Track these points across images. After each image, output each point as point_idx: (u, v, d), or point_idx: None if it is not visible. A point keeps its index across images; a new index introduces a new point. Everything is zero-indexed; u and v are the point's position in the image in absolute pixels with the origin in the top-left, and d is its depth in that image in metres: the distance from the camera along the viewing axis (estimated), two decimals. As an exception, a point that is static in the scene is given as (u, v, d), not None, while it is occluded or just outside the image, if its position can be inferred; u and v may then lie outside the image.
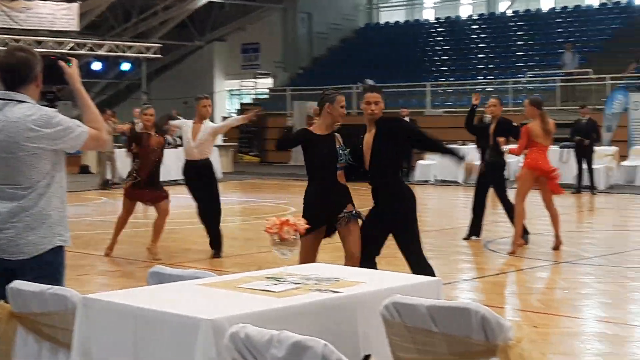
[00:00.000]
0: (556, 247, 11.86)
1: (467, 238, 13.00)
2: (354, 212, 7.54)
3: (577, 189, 20.66)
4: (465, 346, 3.82)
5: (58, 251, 4.89)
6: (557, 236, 11.91)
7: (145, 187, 11.74)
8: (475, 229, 13.00)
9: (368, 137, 7.42)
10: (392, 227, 7.47)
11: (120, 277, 10.30)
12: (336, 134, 7.59)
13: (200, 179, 11.72)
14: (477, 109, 12.98)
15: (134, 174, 11.78)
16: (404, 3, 43.09)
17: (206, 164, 11.79)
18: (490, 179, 12.53)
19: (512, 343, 3.73)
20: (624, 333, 7.50)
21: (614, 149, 23.07)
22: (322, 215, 7.40)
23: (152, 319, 3.90)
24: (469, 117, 12.79)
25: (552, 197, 11.80)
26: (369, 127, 7.47)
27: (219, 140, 36.08)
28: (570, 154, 21.62)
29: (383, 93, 7.58)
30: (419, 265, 7.35)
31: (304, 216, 5.05)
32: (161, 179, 12.50)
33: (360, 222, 7.54)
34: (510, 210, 12.23)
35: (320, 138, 7.55)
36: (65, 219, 4.95)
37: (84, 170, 29.40)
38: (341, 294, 4.26)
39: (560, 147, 22.11)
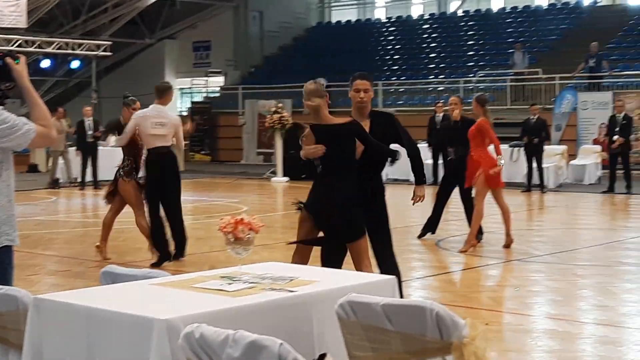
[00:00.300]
0: (507, 245, 11.95)
1: (421, 236, 13.03)
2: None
3: (527, 187, 20.86)
4: (420, 344, 3.84)
5: (5, 251, 4.83)
6: (507, 234, 12.00)
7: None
8: (432, 225, 13.02)
9: None
10: (375, 223, 7.26)
11: (70, 277, 10.20)
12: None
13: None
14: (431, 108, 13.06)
15: (134, 172, 11.34)
16: (356, 2, 43.19)
17: None
18: (460, 176, 12.48)
19: (467, 341, 3.75)
20: (574, 330, 7.57)
21: (563, 147, 23.32)
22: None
23: (106, 319, 3.86)
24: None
25: (502, 194, 11.91)
26: (360, 117, 7.19)
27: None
28: (520, 153, 21.82)
29: (372, 81, 7.42)
30: (389, 264, 7.25)
31: None
32: (109, 178, 12.35)
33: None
34: (470, 209, 12.28)
35: None
36: (13, 218, 4.88)
37: (33, 169, 29.09)
38: (296, 293, 4.25)
39: (510, 146, 22.31)
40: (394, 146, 7.44)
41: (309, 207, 7.01)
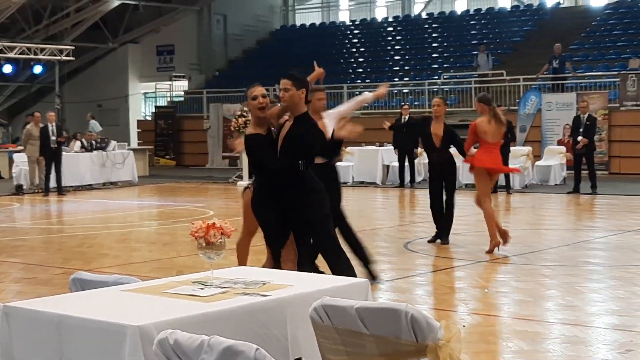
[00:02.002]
0: (490, 251, 11.77)
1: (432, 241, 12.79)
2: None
3: (493, 189, 20.91)
4: (395, 347, 3.82)
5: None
6: (492, 235, 11.84)
7: None
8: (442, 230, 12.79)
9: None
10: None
11: (36, 285, 10.08)
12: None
13: None
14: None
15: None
16: (319, 5, 43.20)
17: None
18: (446, 175, 12.50)
19: (442, 343, 3.74)
20: (543, 330, 7.59)
21: (528, 148, 23.44)
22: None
23: (78, 326, 3.81)
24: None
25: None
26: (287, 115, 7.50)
27: (134, 143, 35.78)
28: (485, 154, 21.88)
29: (300, 81, 7.56)
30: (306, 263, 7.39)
31: None
32: (73, 184, 12.22)
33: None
34: (451, 210, 12.33)
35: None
36: None
37: (-5, 175, 28.81)
38: (269, 297, 4.23)
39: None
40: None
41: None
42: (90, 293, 4.46)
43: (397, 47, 36.38)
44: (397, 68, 34.59)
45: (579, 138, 20.35)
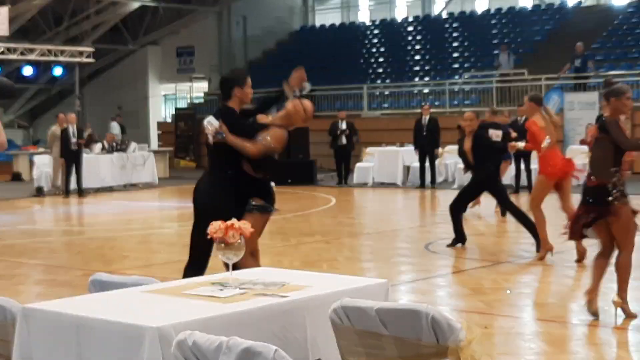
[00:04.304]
0: (542, 257, 11.36)
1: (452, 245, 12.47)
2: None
3: (515, 189, 20.84)
4: (415, 349, 3.78)
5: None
6: (544, 241, 11.48)
7: None
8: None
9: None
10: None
11: (56, 286, 10.09)
12: None
13: None
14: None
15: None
16: (339, 5, 43.16)
17: None
18: (491, 188, 12.23)
19: (463, 344, 3.70)
20: (566, 332, 7.54)
21: (549, 148, 23.26)
22: None
23: (96, 328, 3.79)
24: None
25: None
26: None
27: (154, 144, 35.87)
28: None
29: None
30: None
31: None
32: (94, 186, 12.24)
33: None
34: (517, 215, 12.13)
35: None
36: None
37: (16, 177, 28.94)
38: (288, 298, 4.19)
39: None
40: None
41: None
42: (109, 294, 4.44)
43: (417, 47, 36.28)
44: (418, 68, 34.50)
45: (602, 138, 20.20)
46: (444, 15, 38.97)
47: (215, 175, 7.39)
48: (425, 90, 31.57)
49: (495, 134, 12.62)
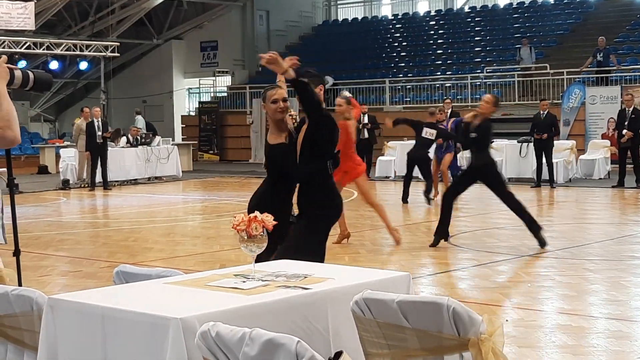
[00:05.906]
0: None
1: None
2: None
3: (536, 183, 20.81)
4: (436, 341, 3.81)
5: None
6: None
7: None
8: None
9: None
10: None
11: (82, 278, 10.20)
12: None
13: None
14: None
15: None
16: (362, 0, 43.13)
17: None
18: (490, 179, 12.02)
19: (484, 337, 3.73)
20: (587, 325, 7.55)
21: (572, 142, 23.24)
22: None
23: (121, 318, 3.85)
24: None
25: None
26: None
27: (178, 138, 36.00)
28: (529, 149, 21.77)
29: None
30: None
31: None
32: (119, 179, 12.34)
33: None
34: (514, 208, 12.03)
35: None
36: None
37: (43, 170, 29.16)
38: (311, 290, 4.23)
39: (519, 142, 22.27)
40: None
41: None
42: (134, 286, 4.50)
43: (439, 41, 36.20)
44: (440, 62, 34.43)
45: (624, 131, 20.17)
46: (466, 9, 38.88)
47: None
48: (447, 84, 31.52)
49: (430, 132, 16.47)
